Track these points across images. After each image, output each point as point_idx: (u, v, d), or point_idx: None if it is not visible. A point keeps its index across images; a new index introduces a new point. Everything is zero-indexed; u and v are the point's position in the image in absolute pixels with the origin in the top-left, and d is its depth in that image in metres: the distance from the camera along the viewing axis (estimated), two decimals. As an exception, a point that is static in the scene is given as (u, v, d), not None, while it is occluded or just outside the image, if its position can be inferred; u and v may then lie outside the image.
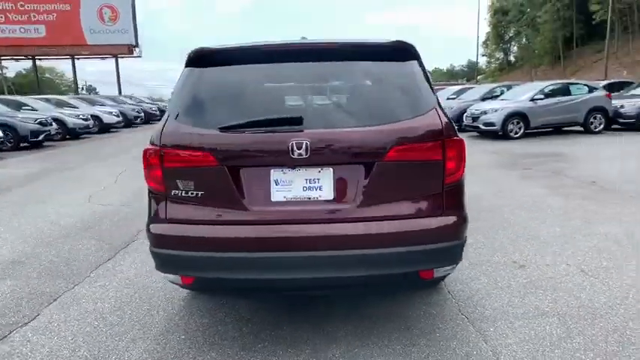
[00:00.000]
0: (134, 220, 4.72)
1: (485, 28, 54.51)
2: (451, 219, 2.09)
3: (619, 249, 3.55)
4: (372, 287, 2.51)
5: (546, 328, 2.42)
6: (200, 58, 2.25)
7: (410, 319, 2.57)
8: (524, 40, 40.38)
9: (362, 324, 2.52)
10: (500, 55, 57.50)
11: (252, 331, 2.50)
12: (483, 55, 50.95)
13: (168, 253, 2.11)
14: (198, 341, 2.42)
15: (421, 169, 2.08)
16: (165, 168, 2.10)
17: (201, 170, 2.07)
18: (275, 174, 2.06)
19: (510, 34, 50.98)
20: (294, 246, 2.00)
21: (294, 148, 1.98)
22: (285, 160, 2.01)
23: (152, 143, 2.16)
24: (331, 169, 2.05)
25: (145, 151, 2.16)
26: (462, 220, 2.13)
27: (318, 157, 1.99)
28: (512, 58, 53.99)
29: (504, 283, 2.99)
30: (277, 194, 2.05)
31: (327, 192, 2.05)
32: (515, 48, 42.36)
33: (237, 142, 2.06)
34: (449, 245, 2.07)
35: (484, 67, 56.71)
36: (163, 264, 2.17)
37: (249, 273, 2.04)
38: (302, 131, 2.00)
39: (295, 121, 2.02)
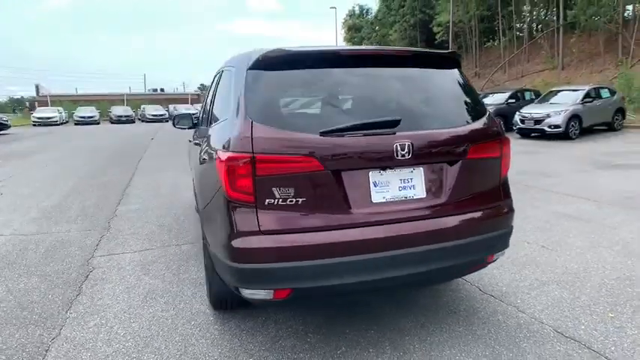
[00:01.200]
0: (70, 248, 4.02)
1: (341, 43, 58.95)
2: (507, 207, 2.41)
3: None
4: (451, 276, 2.69)
5: (555, 293, 2.90)
6: (277, 61, 2.15)
7: (448, 305, 2.81)
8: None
9: (418, 317, 2.66)
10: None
11: (323, 339, 2.44)
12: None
13: (262, 268, 1.96)
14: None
15: (487, 165, 2.34)
16: (258, 177, 1.95)
17: (303, 176, 1.99)
18: (373, 176, 2.09)
19: (364, 49, 56.28)
20: (396, 245, 2.04)
21: (399, 149, 2.05)
22: (386, 161, 2.06)
23: (235, 150, 1.97)
24: (422, 169, 2.16)
25: (229, 160, 1.97)
26: (513, 209, 2.46)
27: (414, 157, 2.09)
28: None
29: (498, 263, 3.39)
30: (377, 195, 2.08)
31: (420, 190, 2.16)
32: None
33: (341, 146, 2.03)
34: (507, 231, 2.39)
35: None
36: (252, 280, 2.00)
37: (353, 276, 2.01)
38: (401, 133, 2.08)
39: (394, 124, 2.08)
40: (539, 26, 28.03)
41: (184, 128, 4.25)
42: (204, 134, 2.95)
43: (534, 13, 28.47)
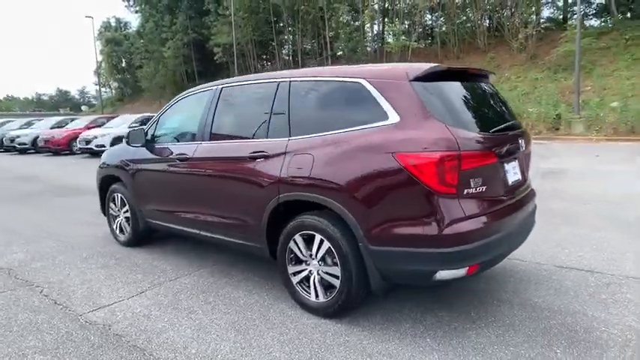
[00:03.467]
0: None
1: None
2: None
3: None
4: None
5: (570, 275, 3.62)
6: (433, 75, 2.57)
7: (487, 292, 3.19)
8: (147, 70, 41.82)
9: (467, 307, 3.25)
10: (117, 84, 56.83)
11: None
12: (98, 85, 48.96)
13: (467, 249, 2.34)
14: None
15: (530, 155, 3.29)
16: (463, 170, 2.34)
17: (487, 167, 2.50)
18: (508, 165, 2.72)
19: (127, 64, 51.43)
20: (522, 216, 2.83)
21: (522, 144, 2.90)
22: (516, 153, 2.79)
23: (447, 149, 2.30)
24: (516, 160, 2.86)
25: (441, 158, 2.29)
26: None
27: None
28: (127, 90, 54.31)
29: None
30: (511, 178, 2.73)
31: (520, 174, 2.88)
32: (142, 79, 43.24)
33: (503, 141, 2.67)
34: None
35: (104, 96, 54.40)
36: (457, 261, 2.36)
37: (507, 245, 2.66)
38: (516, 131, 2.88)
39: (517, 126, 2.97)
40: (310, 54, 32.00)
41: (137, 146, 4.12)
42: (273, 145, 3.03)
43: (305, 42, 32.31)
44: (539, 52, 22.01)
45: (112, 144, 15.58)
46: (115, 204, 4.61)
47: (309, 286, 2.89)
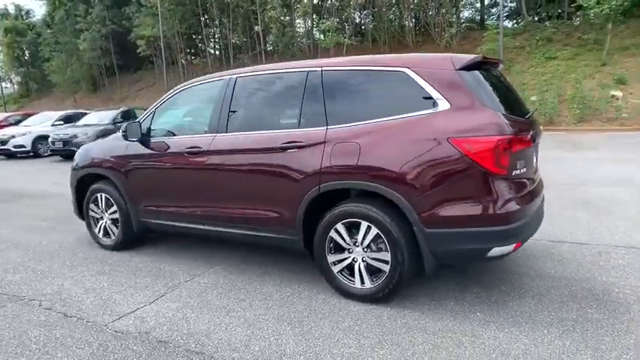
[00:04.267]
0: None
1: None
2: None
3: None
4: None
5: (564, 248, 4.02)
6: (474, 64, 2.75)
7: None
8: (57, 63, 37.95)
9: (496, 283, 3.28)
10: (20, 79, 50.99)
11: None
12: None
13: (516, 226, 2.55)
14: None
15: None
16: (512, 153, 2.53)
17: (527, 151, 2.77)
18: (533, 149, 3.00)
19: (32, 57, 46.31)
20: (539, 197, 3.07)
21: (538, 130, 3.13)
22: (537, 138, 3.09)
23: (502, 134, 2.48)
24: (536, 146, 3.13)
25: (498, 142, 2.47)
26: None
27: None
28: (32, 85, 49.00)
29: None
30: (535, 163, 3.08)
31: (536, 160, 3.13)
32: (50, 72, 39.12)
33: (532, 127, 2.96)
34: None
35: (5, 91, 48.51)
36: (510, 237, 2.55)
37: (536, 222, 2.96)
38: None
39: (528, 112, 3.19)
40: (242, 48, 31.21)
41: (133, 141, 3.83)
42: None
43: (235, 37, 31.44)
44: (463, 50, 23.66)
45: (34, 144, 14.11)
46: (97, 205, 4.22)
47: (352, 274, 2.90)
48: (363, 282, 2.86)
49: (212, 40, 34.32)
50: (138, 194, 3.87)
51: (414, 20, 27.03)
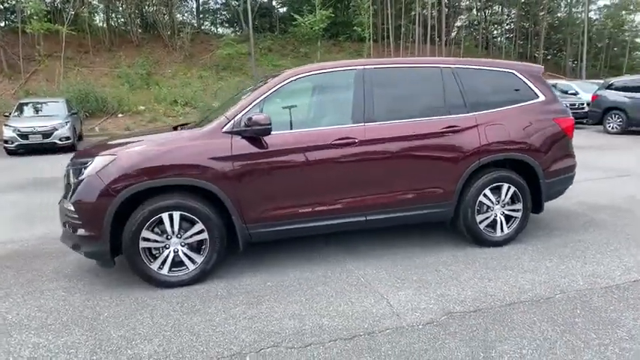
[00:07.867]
0: None
1: None
2: None
3: None
4: None
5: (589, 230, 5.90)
6: None
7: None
8: None
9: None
10: None
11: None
12: None
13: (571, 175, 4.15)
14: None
15: None
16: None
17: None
18: None
19: None
20: None
21: None
22: None
23: (571, 116, 4.02)
24: None
25: (571, 120, 3.99)
26: None
27: None
28: None
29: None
30: None
31: None
32: None
33: None
34: None
35: None
36: (573, 179, 4.15)
37: None
38: None
39: None
40: None
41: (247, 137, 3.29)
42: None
43: None
44: (194, 52, 24.31)
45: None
46: (160, 230, 3.12)
47: (493, 227, 3.81)
48: (502, 230, 3.83)
49: None
50: (258, 200, 3.23)
51: (139, 18, 25.53)
